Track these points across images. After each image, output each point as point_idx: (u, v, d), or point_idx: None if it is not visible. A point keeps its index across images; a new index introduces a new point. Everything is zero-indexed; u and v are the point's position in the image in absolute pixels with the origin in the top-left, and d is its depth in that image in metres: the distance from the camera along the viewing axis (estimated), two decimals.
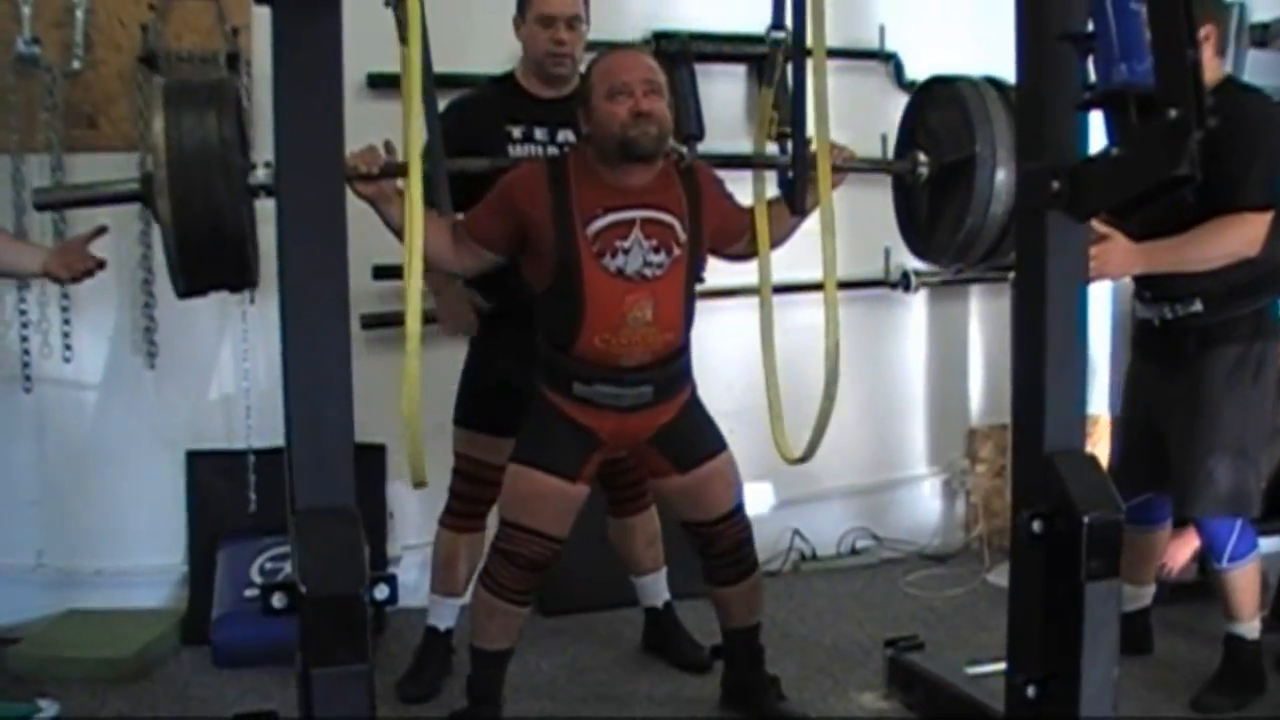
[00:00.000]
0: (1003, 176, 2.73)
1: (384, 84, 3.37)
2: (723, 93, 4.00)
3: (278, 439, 2.11)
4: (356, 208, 2.36)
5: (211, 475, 3.72)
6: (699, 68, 3.87)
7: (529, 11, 3.04)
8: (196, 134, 2.10)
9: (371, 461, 3.65)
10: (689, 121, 3.76)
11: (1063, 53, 2.20)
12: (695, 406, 2.92)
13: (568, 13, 3.01)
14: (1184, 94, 1.96)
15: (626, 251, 2.71)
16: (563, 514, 2.81)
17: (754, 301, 3.11)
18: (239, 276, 2.29)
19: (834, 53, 3.60)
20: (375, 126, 2.57)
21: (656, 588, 3.46)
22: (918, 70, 4.11)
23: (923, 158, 2.90)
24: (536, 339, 2.82)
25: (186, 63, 3.47)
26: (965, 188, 2.77)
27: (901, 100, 3.15)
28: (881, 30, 4.21)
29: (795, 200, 2.86)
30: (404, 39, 2.26)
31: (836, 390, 2.84)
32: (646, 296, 2.71)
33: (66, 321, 3.53)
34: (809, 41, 2.76)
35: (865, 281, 4.24)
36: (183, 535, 3.72)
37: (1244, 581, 3.05)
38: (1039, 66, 2.30)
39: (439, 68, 2.46)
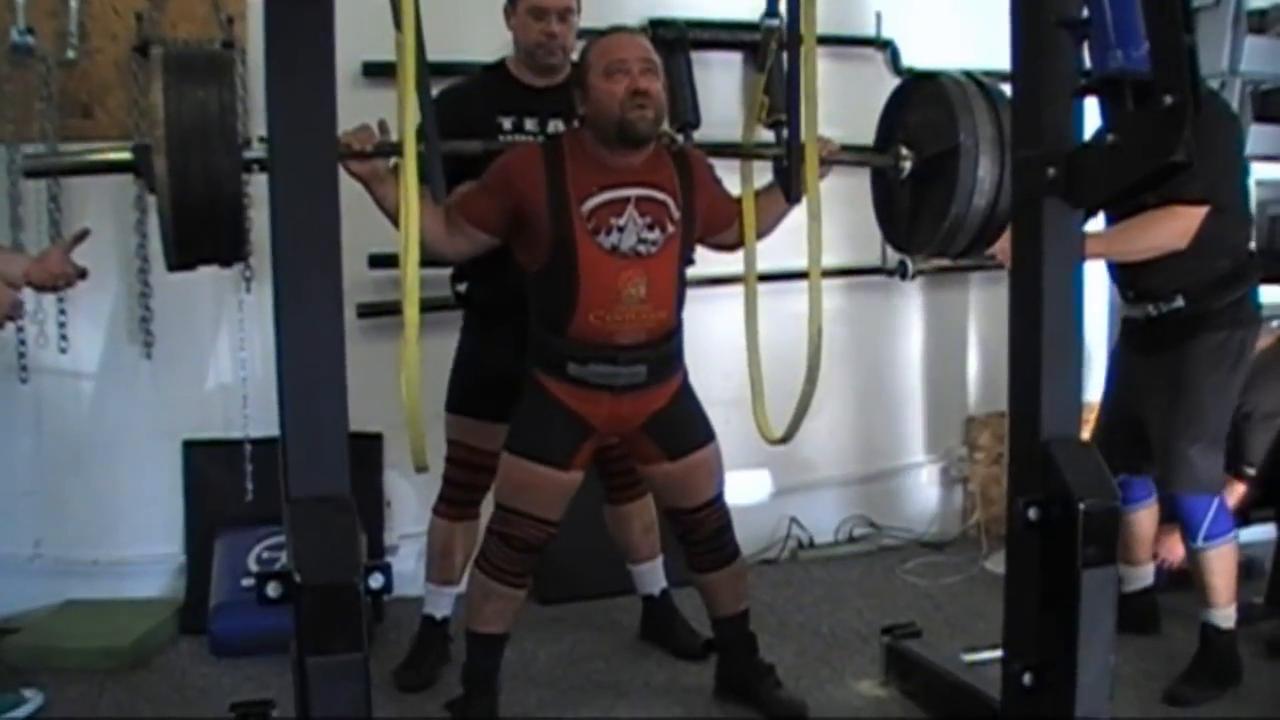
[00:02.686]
0: (985, 167, 2.73)
1: (379, 72, 3.36)
2: (719, 80, 4.00)
3: (275, 428, 2.10)
4: (353, 195, 2.36)
5: (208, 465, 3.72)
6: (695, 55, 3.90)
7: (520, 3, 3.03)
8: (195, 99, 2.09)
9: (368, 451, 3.66)
10: (685, 109, 3.79)
11: (1058, 39, 2.20)
12: (687, 395, 2.93)
13: (559, 5, 3.01)
14: (1180, 80, 1.96)
15: (621, 229, 2.71)
16: (556, 500, 2.83)
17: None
18: (234, 247, 2.27)
19: (830, 40, 3.63)
20: (371, 114, 2.56)
21: (653, 575, 3.47)
22: (914, 58, 4.11)
23: (905, 151, 2.90)
24: (530, 323, 2.82)
25: None
26: (949, 179, 2.76)
27: None
28: (878, 17, 4.20)
29: (789, 187, 2.85)
30: (398, 24, 2.26)
31: (818, 375, 2.86)
32: (640, 273, 2.72)
33: (62, 311, 3.51)
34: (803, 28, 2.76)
35: (862, 269, 4.23)
36: (180, 525, 3.73)
37: (1220, 564, 3.07)
38: (1035, 53, 2.28)
39: (432, 56, 2.45)
